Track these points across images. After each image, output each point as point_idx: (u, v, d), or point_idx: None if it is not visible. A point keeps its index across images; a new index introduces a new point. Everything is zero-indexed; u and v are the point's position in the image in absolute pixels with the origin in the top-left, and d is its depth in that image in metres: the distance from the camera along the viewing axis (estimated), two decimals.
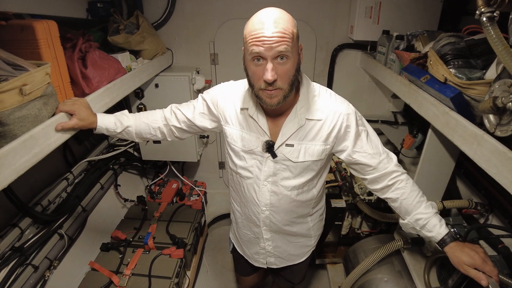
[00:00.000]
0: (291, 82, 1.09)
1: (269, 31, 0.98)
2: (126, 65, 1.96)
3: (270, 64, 1.01)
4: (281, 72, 1.04)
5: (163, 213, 2.55)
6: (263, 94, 1.09)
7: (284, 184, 1.31)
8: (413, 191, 1.28)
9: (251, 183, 1.36)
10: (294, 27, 1.05)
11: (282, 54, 1.01)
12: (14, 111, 1.01)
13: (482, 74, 1.21)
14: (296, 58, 1.07)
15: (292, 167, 1.27)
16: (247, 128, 1.29)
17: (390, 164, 1.29)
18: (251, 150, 1.29)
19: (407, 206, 1.29)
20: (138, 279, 1.96)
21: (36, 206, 1.78)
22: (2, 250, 1.56)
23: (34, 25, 1.20)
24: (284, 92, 1.09)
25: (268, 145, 1.24)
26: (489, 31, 0.93)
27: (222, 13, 2.51)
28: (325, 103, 1.23)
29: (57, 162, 2.12)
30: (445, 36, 1.46)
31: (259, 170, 1.31)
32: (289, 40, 1.00)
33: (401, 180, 1.29)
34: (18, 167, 1.01)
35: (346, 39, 2.55)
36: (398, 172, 1.29)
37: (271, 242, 1.53)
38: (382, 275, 1.84)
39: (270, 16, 1.00)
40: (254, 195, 1.37)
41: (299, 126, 1.21)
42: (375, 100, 2.75)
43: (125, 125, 1.43)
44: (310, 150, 1.24)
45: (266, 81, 1.03)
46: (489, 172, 1.03)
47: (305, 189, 1.35)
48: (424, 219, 1.26)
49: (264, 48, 0.99)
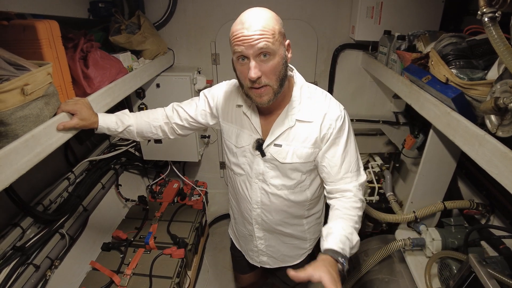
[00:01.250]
0: (279, 78, 1.10)
1: (249, 30, 1.01)
2: (127, 65, 1.96)
3: (252, 62, 1.04)
4: (266, 69, 1.06)
5: (164, 213, 2.55)
6: (252, 93, 1.12)
7: (273, 183, 1.32)
8: (350, 210, 1.18)
9: (244, 180, 1.39)
10: (277, 24, 1.06)
11: (264, 51, 1.03)
12: (16, 110, 1.01)
13: (483, 75, 1.21)
14: (281, 55, 1.08)
15: (280, 167, 1.28)
16: (241, 125, 1.32)
17: (351, 184, 1.22)
18: (243, 147, 1.32)
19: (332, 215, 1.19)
20: (139, 279, 1.96)
21: (38, 206, 1.78)
22: (4, 250, 1.56)
23: (36, 25, 1.20)
24: (273, 89, 1.10)
25: (258, 143, 1.26)
26: (491, 32, 0.93)
27: (223, 13, 2.51)
28: (318, 106, 1.22)
29: (59, 161, 2.12)
30: (446, 36, 1.46)
31: (250, 167, 1.33)
32: (269, 36, 1.02)
33: (348, 197, 1.21)
34: (19, 167, 1.01)
35: (348, 39, 2.55)
36: (351, 193, 1.21)
37: (264, 241, 1.53)
38: (383, 275, 1.84)
39: (250, 16, 1.04)
40: (246, 192, 1.40)
41: (288, 127, 1.22)
42: (376, 100, 2.74)
43: (126, 124, 1.43)
44: (299, 152, 1.23)
45: (250, 78, 1.05)
46: (491, 172, 1.03)
47: (297, 190, 1.34)
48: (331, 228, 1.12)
49: (245, 46, 1.02)
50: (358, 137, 2.65)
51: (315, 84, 1.33)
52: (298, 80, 1.25)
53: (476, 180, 1.84)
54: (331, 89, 2.70)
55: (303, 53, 2.61)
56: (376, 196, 2.35)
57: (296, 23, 2.51)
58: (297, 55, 2.59)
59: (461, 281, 1.27)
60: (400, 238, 1.76)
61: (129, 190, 2.74)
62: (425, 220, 1.83)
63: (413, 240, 1.72)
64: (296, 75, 1.27)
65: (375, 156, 2.67)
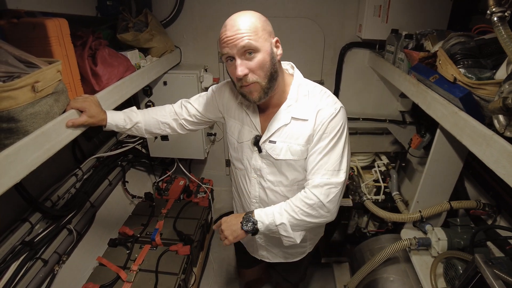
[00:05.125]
0: (267, 74, 1.11)
1: (231, 31, 1.06)
2: (135, 63, 1.98)
3: (238, 61, 1.08)
4: (252, 66, 1.08)
5: (170, 209, 2.57)
6: (244, 90, 1.15)
7: (270, 179, 1.34)
8: (296, 201, 1.19)
9: (243, 174, 1.42)
10: (259, 22, 1.10)
11: (248, 49, 1.06)
12: (27, 107, 1.02)
13: (492, 74, 1.20)
14: (267, 51, 1.09)
15: (276, 164, 1.30)
16: (242, 121, 1.35)
17: (317, 180, 1.18)
18: (243, 143, 1.35)
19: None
20: (145, 274, 1.98)
21: (46, 202, 1.81)
22: (13, 244, 1.58)
23: (46, 23, 1.21)
24: (261, 85, 1.12)
25: (256, 139, 1.29)
26: (500, 31, 0.93)
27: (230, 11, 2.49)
28: (313, 103, 1.21)
29: (66, 158, 2.15)
30: (454, 35, 1.45)
31: (249, 163, 1.36)
32: (250, 34, 1.05)
33: (305, 191, 1.20)
34: (29, 163, 1.02)
35: (355, 38, 2.54)
36: (310, 189, 1.19)
37: (263, 235, 1.54)
38: (388, 274, 1.84)
39: (232, 19, 1.11)
40: (246, 186, 1.43)
41: (283, 124, 1.23)
42: (383, 99, 2.73)
43: (134, 121, 1.45)
44: (292, 149, 1.24)
45: (237, 76, 1.09)
46: (498, 173, 1.02)
47: (295, 188, 1.34)
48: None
49: (229, 47, 1.07)
50: (364, 136, 2.65)
51: (321, 82, 1.34)
52: (296, 78, 1.27)
53: (483, 180, 1.83)
54: (338, 88, 2.69)
55: (309, 52, 2.61)
56: (382, 195, 2.35)
57: (303, 22, 2.50)
58: (304, 54, 2.60)
59: (466, 281, 1.26)
60: (406, 238, 1.75)
61: (136, 187, 2.76)
62: (431, 220, 1.82)
63: (419, 239, 1.71)
64: (295, 73, 1.28)
65: (381, 155, 2.66)
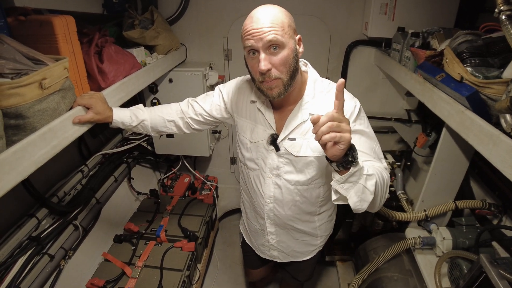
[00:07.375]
0: (290, 71, 1.10)
1: (258, 24, 1.03)
2: (141, 60, 1.99)
3: (262, 55, 1.05)
4: (276, 62, 1.07)
5: (175, 206, 2.59)
6: (263, 86, 1.13)
7: (287, 178, 1.32)
8: (376, 168, 1.12)
9: (257, 174, 1.40)
10: (286, 18, 1.07)
11: (273, 44, 1.04)
12: (34, 104, 1.04)
13: (499, 73, 1.19)
14: (291, 48, 1.09)
15: (294, 162, 1.28)
16: (256, 120, 1.33)
17: (376, 163, 1.16)
18: (257, 142, 1.33)
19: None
20: (150, 270, 2.00)
21: (52, 197, 1.83)
22: (20, 239, 1.60)
23: (53, 20, 1.22)
24: (283, 82, 1.11)
25: (272, 138, 1.27)
26: (508, 30, 0.92)
27: (235, 8, 2.51)
28: (332, 99, 1.20)
29: (73, 155, 2.17)
30: (462, 33, 1.43)
31: (264, 162, 1.34)
32: (277, 29, 1.03)
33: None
34: (37, 159, 1.04)
35: (361, 35, 2.52)
36: (380, 165, 1.17)
37: (275, 236, 1.54)
38: (392, 273, 1.84)
39: (259, 11, 1.06)
40: (259, 187, 1.41)
41: (302, 121, 1.22)
42: (388, 97, 2.71)
43: (140, 119, 1.46)
44: (312, 145, 1.23)
45: (260, 71, 1.07)
46: (505, 172, 1.01)
47: (312, 186, 1.34)
48: None
49: (254, 40, 1.04)
50: None
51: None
52: (311, 75, 1.26)
53: (488, 180, 1.81)
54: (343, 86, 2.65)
55: (315, 49, 2.60)
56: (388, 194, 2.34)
57: (309, 19, 2.49)
58: (310, 51, 2.59)
59: (471, 281, 1.26)
60: (410, 237, 1.75)
61: (141, 184, 2.78)
62: (436, 219, 1.82)
63: (424, 239, 1.71)
64: (310, 70, 1.28)
65: (386, 154, 2.65)
